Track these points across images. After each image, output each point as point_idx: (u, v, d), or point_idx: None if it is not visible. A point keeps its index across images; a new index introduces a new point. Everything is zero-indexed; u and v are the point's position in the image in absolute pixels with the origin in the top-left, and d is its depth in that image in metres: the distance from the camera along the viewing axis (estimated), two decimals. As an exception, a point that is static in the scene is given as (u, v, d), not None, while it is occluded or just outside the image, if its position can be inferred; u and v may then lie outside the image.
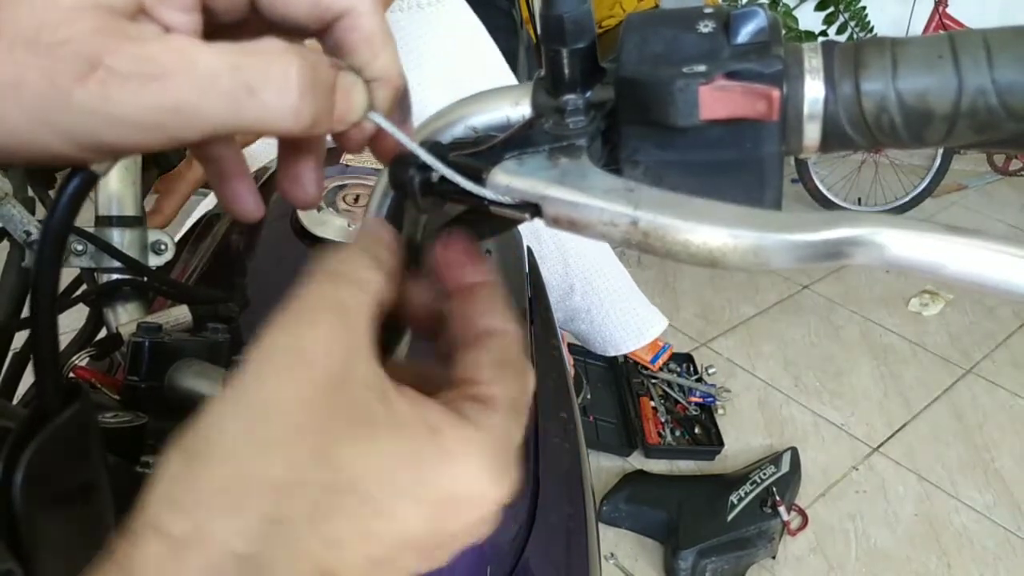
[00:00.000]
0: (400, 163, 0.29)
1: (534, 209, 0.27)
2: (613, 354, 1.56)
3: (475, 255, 0.29)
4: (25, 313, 0.52)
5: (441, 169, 0.28)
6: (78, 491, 0.29)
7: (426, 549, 0.23)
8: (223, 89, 0.22)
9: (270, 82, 0.22)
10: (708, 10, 0.28)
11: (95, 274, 0.54)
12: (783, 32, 0.27)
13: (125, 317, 0.53)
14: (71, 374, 0.47)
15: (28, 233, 0.49)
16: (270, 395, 0.21)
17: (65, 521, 0.28)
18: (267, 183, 0.84)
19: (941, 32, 0.32)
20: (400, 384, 0.24)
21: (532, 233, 1.25)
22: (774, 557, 1.61)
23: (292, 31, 0.26)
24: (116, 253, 0.51)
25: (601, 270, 1.41)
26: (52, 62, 0.21)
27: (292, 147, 0.30)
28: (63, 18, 0.21)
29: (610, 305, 1.46)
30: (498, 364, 0.26)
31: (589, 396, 1.86)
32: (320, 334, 0.22)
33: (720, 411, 1.96)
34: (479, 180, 0.28)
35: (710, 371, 2.04)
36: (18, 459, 0.26)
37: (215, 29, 0.25)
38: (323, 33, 0.26)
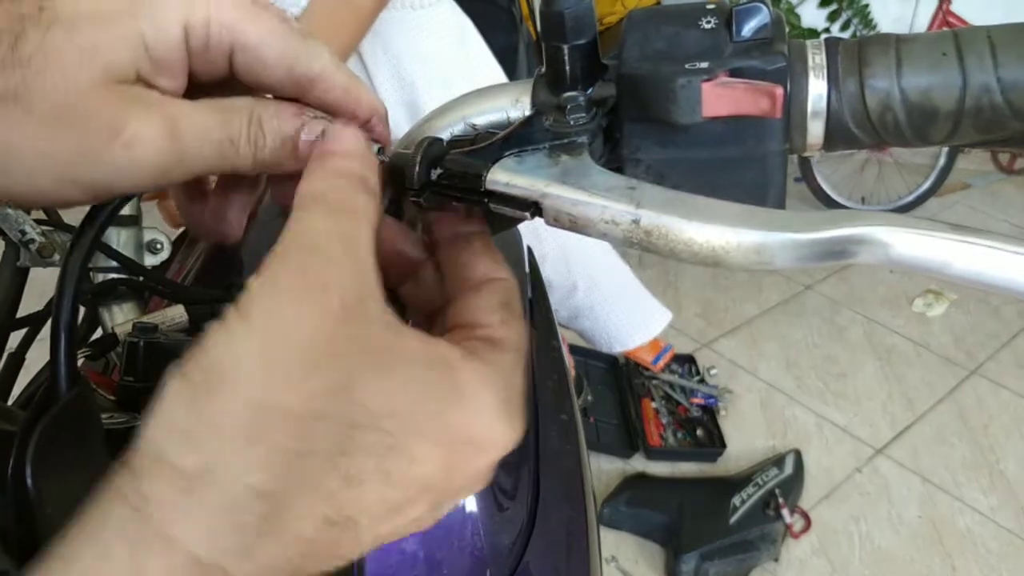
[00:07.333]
0: (399, 161, 0.29)
1: (534, 207, 0.27)
2: (619, 350, 1.56)
3: (468, 209, 0.30)
4: (21, 313, 0.51)
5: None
6: (81, 486, 0.29)
7: (438, 496, 0.23)
8: (215, 140, 0.27)
9: (242, 134, 0.27)
10: (710, 6, 0.28)
11: (90, 273, 0.53)
12: (786, 29, 0.27)
13: (120, 317, 0.53)
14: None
15: (23, 232, 0.49)
16: (286, 325, 0.21)
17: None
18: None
19: (945, 29, 0.32)
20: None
21: (533, 233, 1.25)
22: (777, 560, 1.60)
23: (269, 92, 0.29)
24: (112, 252, 0.51)
25: (603, 267, 1.41)
26: (82, 132, 0.24)
27: (229, 183, 0.33)
28: (84, 95, 0.24)
29: (614, 301, 1.46)
30: (503, 307, 0.27)
31: (590, 398, 1.86)
32: (331, 265, 0.22)
33: (722, 412, 1.96)
34: (478, 178, 0.27)
35: (712, 372, 2.03)
36: (26, 449, 0.27)
37: (195, 89, 0.28)
38: (301, 93, 0.29)
